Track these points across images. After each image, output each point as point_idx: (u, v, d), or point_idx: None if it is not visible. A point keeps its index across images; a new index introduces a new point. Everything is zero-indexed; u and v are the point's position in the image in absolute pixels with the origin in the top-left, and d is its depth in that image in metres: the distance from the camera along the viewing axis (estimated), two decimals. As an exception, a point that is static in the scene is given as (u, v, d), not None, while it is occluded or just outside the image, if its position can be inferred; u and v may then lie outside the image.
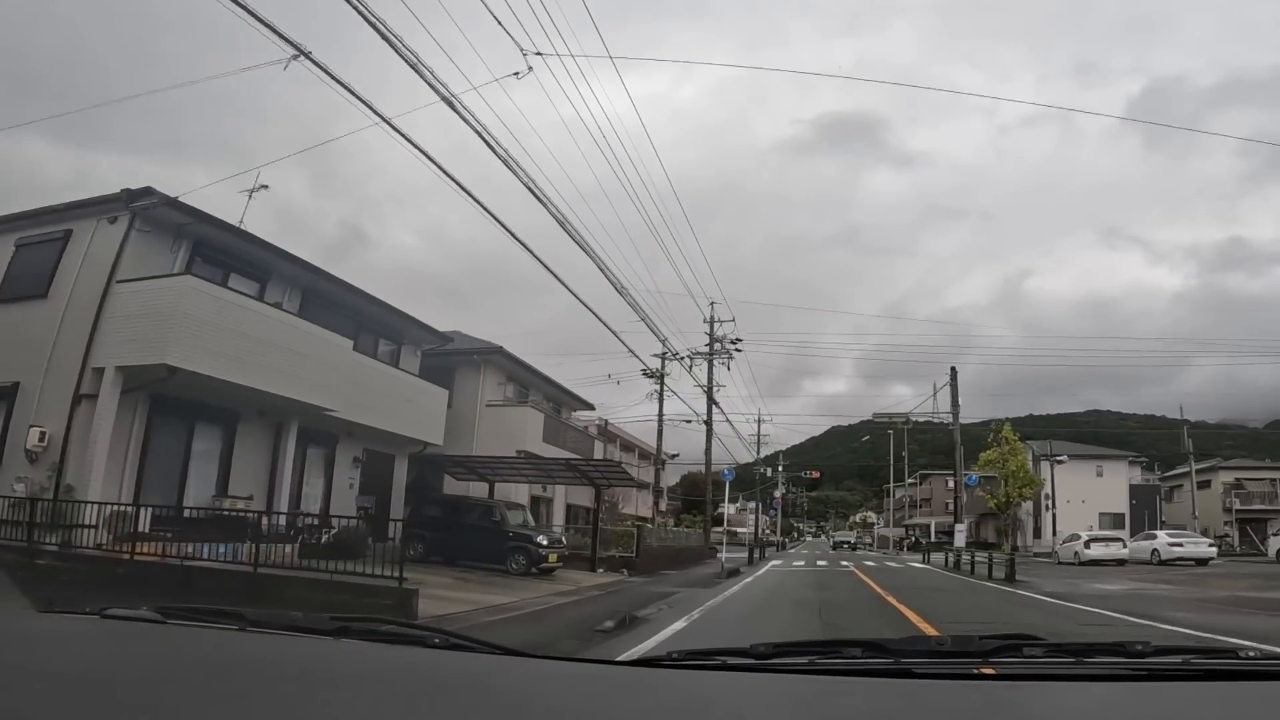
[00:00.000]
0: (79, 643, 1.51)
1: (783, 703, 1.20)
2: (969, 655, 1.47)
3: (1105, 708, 1.19)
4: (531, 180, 12.80)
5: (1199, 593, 15.98)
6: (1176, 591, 16.46)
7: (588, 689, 1.30)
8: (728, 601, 13.70)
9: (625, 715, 1.18)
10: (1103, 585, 18.61)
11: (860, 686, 1.30)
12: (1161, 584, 18.90)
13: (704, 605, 12.43)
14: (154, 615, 1.67)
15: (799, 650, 1.53)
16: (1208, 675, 1.32)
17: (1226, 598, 14.77)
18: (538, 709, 1.19)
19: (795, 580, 20.13)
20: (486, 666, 1.46)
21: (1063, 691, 1.28)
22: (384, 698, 1.19)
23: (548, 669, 1.49)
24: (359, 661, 1.46)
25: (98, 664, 1.32)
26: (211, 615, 1.73)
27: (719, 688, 1.31)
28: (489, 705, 1.21)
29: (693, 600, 13.27)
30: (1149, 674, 1.34)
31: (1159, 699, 1.24)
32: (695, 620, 10.41)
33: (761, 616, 11.82)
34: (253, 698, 1.14)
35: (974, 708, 1.20)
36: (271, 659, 1.46)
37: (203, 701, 1.11)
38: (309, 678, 1.31)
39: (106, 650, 1.48)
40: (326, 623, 1.67)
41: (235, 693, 1.15)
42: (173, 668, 1.33)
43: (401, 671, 1.38)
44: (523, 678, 1.38)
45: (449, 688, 1.30)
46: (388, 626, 1.73)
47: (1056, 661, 1.46)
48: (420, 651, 1.56)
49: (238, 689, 1.18)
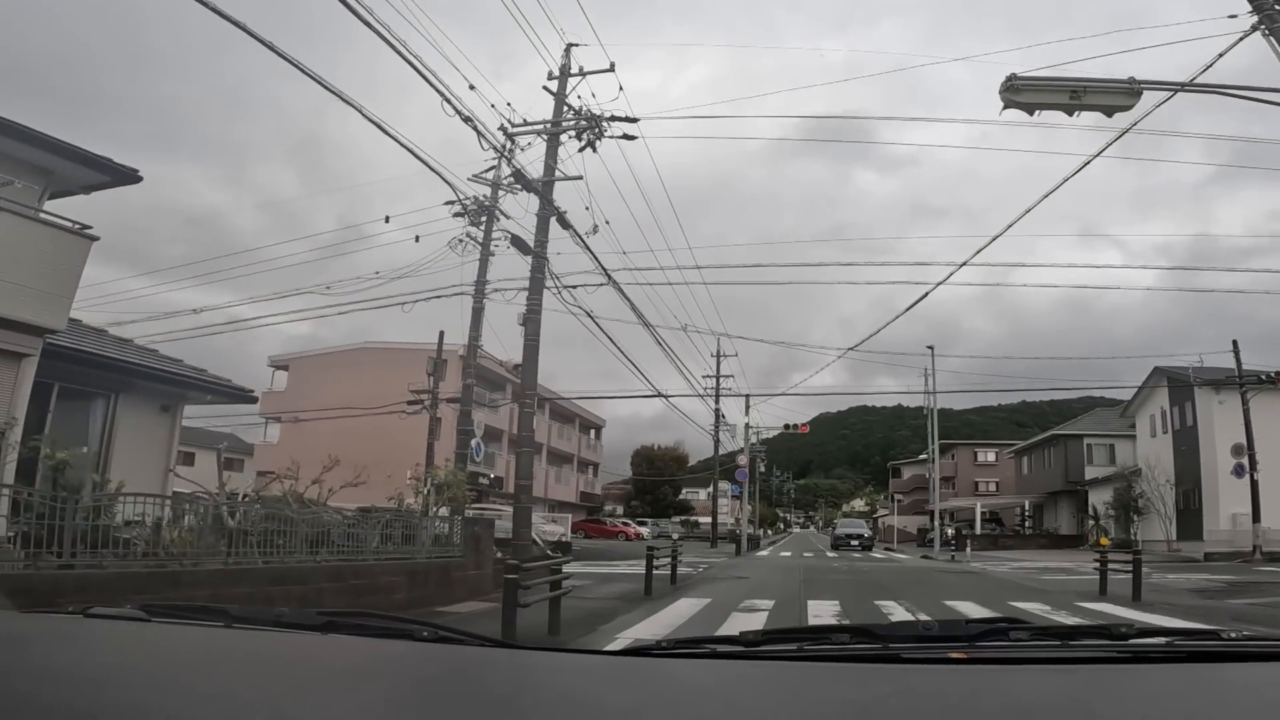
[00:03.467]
0: (62, 642, 1.49)
1: (772, 689, 1.22)
2: (955, 640, 1.47)
3: (1090, 690, 1.20)
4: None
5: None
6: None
7: (577, 679, 1.31)
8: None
9: (615, 704, 1.16)
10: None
11: (848, 672, 1.34)
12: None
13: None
14: (138, 614, 1.66)
15: (788, 637, 1.53)
16: (1191, 657, 1.38)
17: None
18: (527, 700, 1.20)
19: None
20: (475, 658, 1.48)
21: (1048, 674, 1.32)
22: (372, 692, 1.20)
23: (537, 660, 1.53)
24: (346, 656, 1.49)
25: (82, 664, 1.30)
26: (196, 612, 1.77)
27: (708, 675, 1.34)
28: (478, 697, 1.22)
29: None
30: (1133, 656, 1.39)
31: (1143, 680, 1.28)
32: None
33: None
34: (240, 694, 1.12)
35: (961, 691, 1.20)
36: (258, 655, 1.46)
37: (190, 699, 1.08)
38: (296, 673, 1.32)
39: (91, 650, 1.45)
40: (313, 618, 1.68)
41: (222, 690, 1.14)
42: (159, 666, 1.33)
43: (390, 665, 1.41)
44: (512, 669, 1.41)
45: (438, 680, 1.32)
46: (375, 620, 1.74)
47: (1042, 645, 1.47)
48: (408, 645, 1.56)
49: (224, 686, 1.17)
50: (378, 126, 12.27)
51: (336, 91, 11.35)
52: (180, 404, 13.24)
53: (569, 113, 17.49)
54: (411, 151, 13.60)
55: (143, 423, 12.50)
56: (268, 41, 9.20)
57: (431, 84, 12.37)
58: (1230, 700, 1.15)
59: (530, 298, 15.91)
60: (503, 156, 15.64)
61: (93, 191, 13.49)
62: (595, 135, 17.59)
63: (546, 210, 16.62)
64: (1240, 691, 1.18)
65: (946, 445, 53.50)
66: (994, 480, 61.88)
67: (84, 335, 12.36)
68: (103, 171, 12.90)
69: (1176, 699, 1.16)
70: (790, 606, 11.52)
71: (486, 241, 18.42)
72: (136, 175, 13.32)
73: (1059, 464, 43.60)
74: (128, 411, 12.36)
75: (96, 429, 12.25)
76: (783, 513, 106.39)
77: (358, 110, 11.94)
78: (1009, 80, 9.67)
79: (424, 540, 10.93)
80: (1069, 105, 9.73)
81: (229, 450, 43.95)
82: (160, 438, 12.80)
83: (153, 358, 13.01)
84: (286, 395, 40.70)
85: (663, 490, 61.48)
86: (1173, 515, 31.35)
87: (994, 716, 1.08)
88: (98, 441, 12.14)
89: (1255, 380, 27.07)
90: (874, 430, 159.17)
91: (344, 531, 9.10)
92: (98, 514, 7.45)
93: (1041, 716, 1.08)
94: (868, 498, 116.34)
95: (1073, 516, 43.22)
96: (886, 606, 11.51)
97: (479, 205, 18.14)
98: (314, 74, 10.35)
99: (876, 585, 15.60)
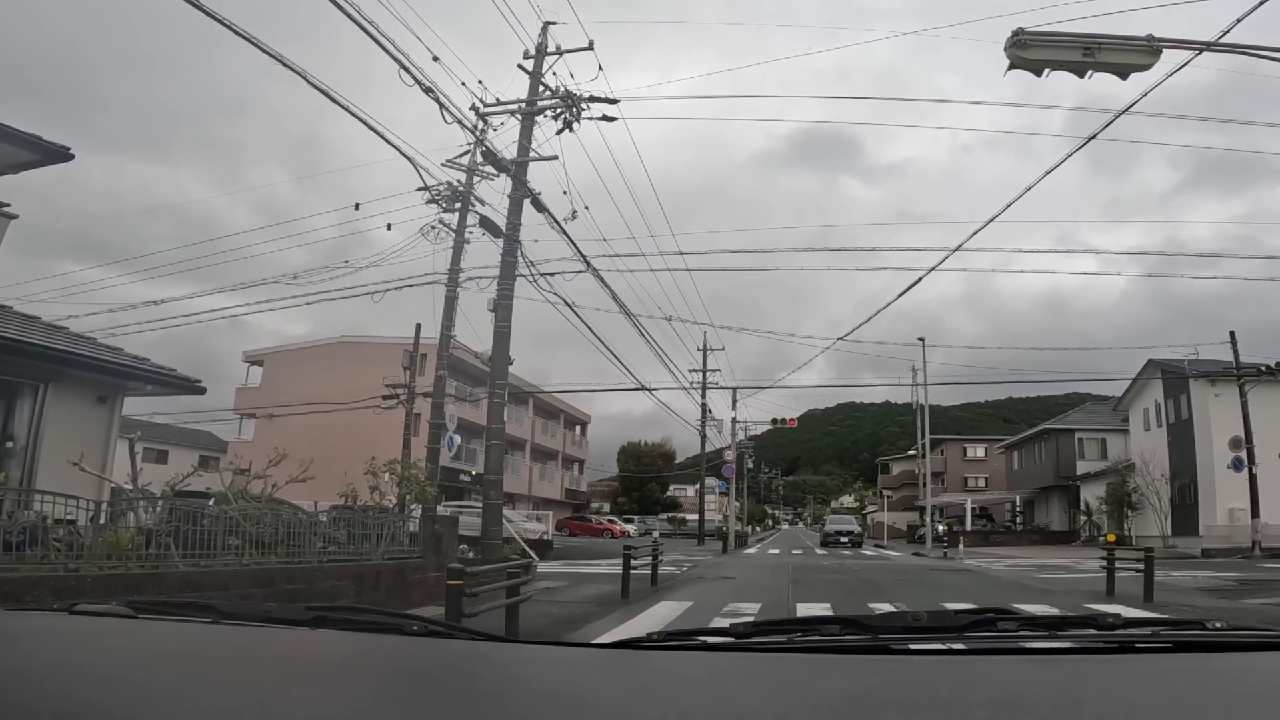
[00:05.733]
0: (49, 639, 1.49)
1: (762, 681, 1.21)
2: (944, 630, 1.48)
3: (1078, 679, 1.20)
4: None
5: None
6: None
7: (568, 672, 1.31)
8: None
9: (606, 697, 1.15)
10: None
11: (839, 663, 1.33)
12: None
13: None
14: (125, 610, 1.65)
15: (778, 629, 1.54)
16: (1176, 647, 1.39)
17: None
18: (518, 694, 1.17)
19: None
20: (465, 652, 1.48)
21: (1037, 664, 1.34)
22: (363, 686, 1.20)
23: (527, 653, 1.51)
24: (336, 651, 1.48)
25: (69, 661, 1.27)
26: (184, 608, 1.78)
27: (699, 667, 1.34)
28: (469, 691, 1.21)
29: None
30: (1120, 646, 1.40)
31: (1130, 670, 1.28)
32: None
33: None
34: (229, 690, 1.09)
35: (950, 682, 1.20)
36: (246, 651, 1.44)
37: (178, 696, 1.05)
38: (286, 668, 1.30)
39: (78, 647, 1.43)
40: (302, 612, 1.66)
41: (211, 686, 1.12)
42: (146, 663, 1.30)
43: (380, 660, 1.39)
44: (502, 663, 1.39)
45: (428, 675, 1.29)
46: (365, 615, 1.74)
47: (1030, 635, 1.48)
48: (398, 639, 1.55)
49: (214, 682, 1.15)
50: (338, 104, 11.55)
51: (300, 71, 10.61)
52: (119, 395, 12.24)
53: (544, 91, 16.61)
54: (374, 129, 12.75)
55: (76, 415, 11.51)
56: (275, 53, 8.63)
57: (388, 50, 11.59)
58: (1216, 689, 1.16)
59: (501, 283, 15.03)
60: (472, 133, 14.72)
61: (21, 170, 12.59)
62: (573, 116, 16.74)
63: (519, 191, 15.73)
64: (1226, 681, 1.20)
65: (936, 441, 52.46)
66: (983, 476, 61.43)
67: (10, 321, 11.36)
68: (32, 150, 12.02)
69: (1164, 688, 1.17)
70: (778, 610, 10.72)
71: (461, 228, 17.50)
72: (68, 153, 12.47)
73: (1050, 459, 43.03)
74: (59, 403, 11.38)
75: (24, 422, 11.26)
76: (771, 509, 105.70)
77: (323, 92, 11.25)
78: (1016, 35, 8.83)
79: (374, 540, 9.99)
80: (1081, 64, 8.87)
81: (205, 447, 42.61)
82: (97, 431, 11.81)
83: (87, 345, 12.01)
84: (262, 391, 39.70)
85: (650, 487, 60.66)
86: (1168, 510, 30.68)
87: (983, 706, 1.06)
88: (25, 435, 11.15)
89: (1254, 372, 26.47)
90: (861, 426, 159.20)
91: (277, 531, 8.14)
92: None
93: (1030, 706, 1.07)
94: (857, 494, 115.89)
95: (1064, 512, 42.69)
96: (881, 610, 10.70)
97: (452, 191, 17.22)
98: (274, 52, 9.73)
99: (870, 585, 14.78)
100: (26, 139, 11.70)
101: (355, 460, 17.18)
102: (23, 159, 12.39)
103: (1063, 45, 8.74)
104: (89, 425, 11.78)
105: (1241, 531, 26.02)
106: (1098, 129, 11.86)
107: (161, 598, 1.84)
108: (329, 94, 11.32)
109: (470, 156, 16.82)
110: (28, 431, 11.30)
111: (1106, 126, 11.44)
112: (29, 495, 7.64)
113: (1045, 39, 8.75)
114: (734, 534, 35.70)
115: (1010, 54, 8.85)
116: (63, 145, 12.21)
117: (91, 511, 7.35)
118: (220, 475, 10.48)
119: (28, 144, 11.86)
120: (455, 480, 33.22)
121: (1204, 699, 1.12)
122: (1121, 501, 33.63)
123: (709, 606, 10.92)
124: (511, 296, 15.04)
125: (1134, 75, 8.99)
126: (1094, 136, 12.07)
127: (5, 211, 10.22)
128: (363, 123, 12.07)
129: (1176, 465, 30.74)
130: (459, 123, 13.47)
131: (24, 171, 12.68)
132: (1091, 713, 1.02)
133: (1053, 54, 8.77)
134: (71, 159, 12.34)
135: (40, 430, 11.24)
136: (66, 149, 12.22)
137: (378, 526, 10.26)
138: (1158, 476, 30.85)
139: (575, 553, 24.87)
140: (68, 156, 12.37)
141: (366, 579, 9.16)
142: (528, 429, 47.12)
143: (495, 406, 15.26)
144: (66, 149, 12.22)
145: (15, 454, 11.17)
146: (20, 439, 11.25)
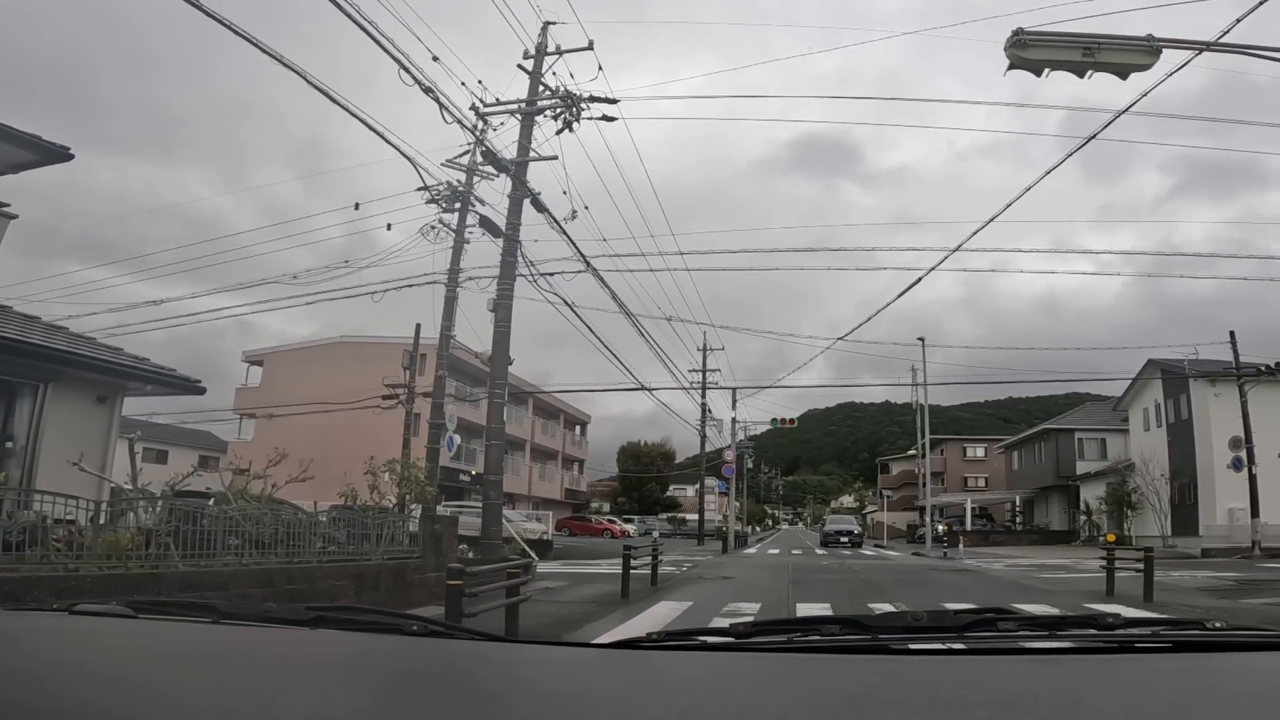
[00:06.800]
0: (49, 639, 1.48)
1: (762, 681, 1.21)
2: (944, 630, 1.47)
3: (1077, 679, 1.20)
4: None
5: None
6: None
7: (568, 672, 1.32)
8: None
9: (605, 697, 1.15)
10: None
11: (838, 663, 1.33)
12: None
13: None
14: (125, 610, 1.65)
15: (778, 628, 1.54)
16: (1176, 646, 1.38)
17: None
18: (518, 694, 1.17)
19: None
20: (465, 652, 1.48)
21: (1036, 664, 1.33)
22: (362, 686, 1.20)
23: (527, 653, 1.51)
24: (336, 651, 1.49)
25: (69, 661, 1.27)
26: (184, 608, 1.78)
27: (698, 667, 1.34)
28: (469, 691, 1.21)
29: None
30: (1120, 645, 1.40)
31: (1130, 669, 1.28)
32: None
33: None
34: (229, 690, 1.10)
35: (950, 682, 1.20)
36: (246, 650, 1.45)
37: (178, 696, 1.06)
38: (285, 668, 1.31)
39: (78, 647, 1.42)
40: (302, 612, 1.66)
41: (211, 686, 1.12)
42: (147, 662, 1.31)
43: (380, 660, 1.40)
44: (502, 663, 1.39)
45: (428, 675, 1.29)
46: (365, 615, 1.74)
47: (1030, 635, 1.48)
48: (398, 639, 1.55)
49: (214, 682, 1.15)
50: (338, 103, 11.55)
51: (300, 71, 10.61)
52: (119, 395, 12.24)
53: (544, 92, 16.60)
54: (373, 128, 12.76)
55: (76, 415, 11.52)
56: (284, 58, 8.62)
57: (388, 50, 11.59)
58: (1216, 689, 1.16)
59: (501, 282, 15.03)
60: (472, 133, 14.72)
61: (21, 170, 12.60)
62: (573, 116, 16.74)
63: (519, 191, 15.72)
64: (1226, 681, 1.20)
65: (935, 441, 52.25)
66: (983, 475, 61.38)
67: (10, 321, 11.36)
68: (32, 150, 12.02)
69: (1164, 688, 1.17)
70: (778, 610, 10.73)
71: (461, 228, 17.50)
72: (68, 153, 12.47)
73: (1049, 459, 42.99)
74: (59, 403, 11.38)
75: (24, 422, 11.26)
76: (771, 509, 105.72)
77: (323, 92, 11.26)
78: (1015, 35, 8.83)
79: (374, 539, 9.99)
80: (1081, 64, 8.86)
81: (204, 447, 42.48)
82: (96, 431, 11.81)
83: (87, 345, 12.01)
84: (262, 391, 39.67)
85: (649, 487, 60.61)
86: (1167, 510, 30.65)
87: (983, 706, 1.06)
88: (24, 435, 11.15)
89: (1254, 372, 26.46)
90: (861, 426, 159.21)
91: (276, 531, 8.14)
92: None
93: (1030, 705, 1.06)
94: (856, 494, 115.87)
95: (1064, 512, 42.65)
96: (881, 610, 10.71)
97: (452, 191, 17.22)
98: (273, 52, 9.77)
99: (870, 585, 14.78)
100: (26, 139, 11.70)
101: (355, 460, 17.17)
102: (23, 159, 12.39)
103: (1062, 45, 8.74)
104: (89, 425, 11.80)
105: (1241, 531, 26.01)
106: (1097, 129, 11.89)
107: (161, 598, 1.87)
108: (329, 94, 11.34)
109: (470, 156, 16.84)
110: (28, 431, 11.31)
111: (1107, 126, 11.45)
112: (29, 495, 7.66)
113: (1045, 39, 8.75)
114: (734, 534, 35.70)
115: (1010, 54, 8.85)
116: (62, 145, 12.22)
117: (91, 511, 7.36)
118: (220, 475, 10.48)
119: (27, 144, 11.86)
120: (455, 480, 33.19)
121: (1204, 699, 1.11)
122: (1121, 501, 33.65)
123: (709, 606, 10.93)
124: (511, 296, 15.05)
125: (1133, 76, 8.98)
126: (1094, 136, 12.09)
127: (5, 211, 10.21)
128: (362, 122, 12.09)
129: (1176, 465, 30.71)
130: (459, 123, 13.48)
131: (24, 171, 12.70)
132: (1091, 713, 1.01)
133: (1052, 54, 8.76)
134: (71, 159, 12.34)
135: (40, 430, 11.25)
136: (66, 149, 12.22)
137: (377, 526, 10.27)
138: (1157, 476, 30.85)
139: (575, 553, 24.85)
140: (67, 156, 12.37)
141: (366, 579, 9.18)
142: (528, 429, 47.09)
143: (495, 406, 15.26)
144: (66, 149, 12.22)
145: (15, 454, 11.18)
146: (20, 439, 11.26)
